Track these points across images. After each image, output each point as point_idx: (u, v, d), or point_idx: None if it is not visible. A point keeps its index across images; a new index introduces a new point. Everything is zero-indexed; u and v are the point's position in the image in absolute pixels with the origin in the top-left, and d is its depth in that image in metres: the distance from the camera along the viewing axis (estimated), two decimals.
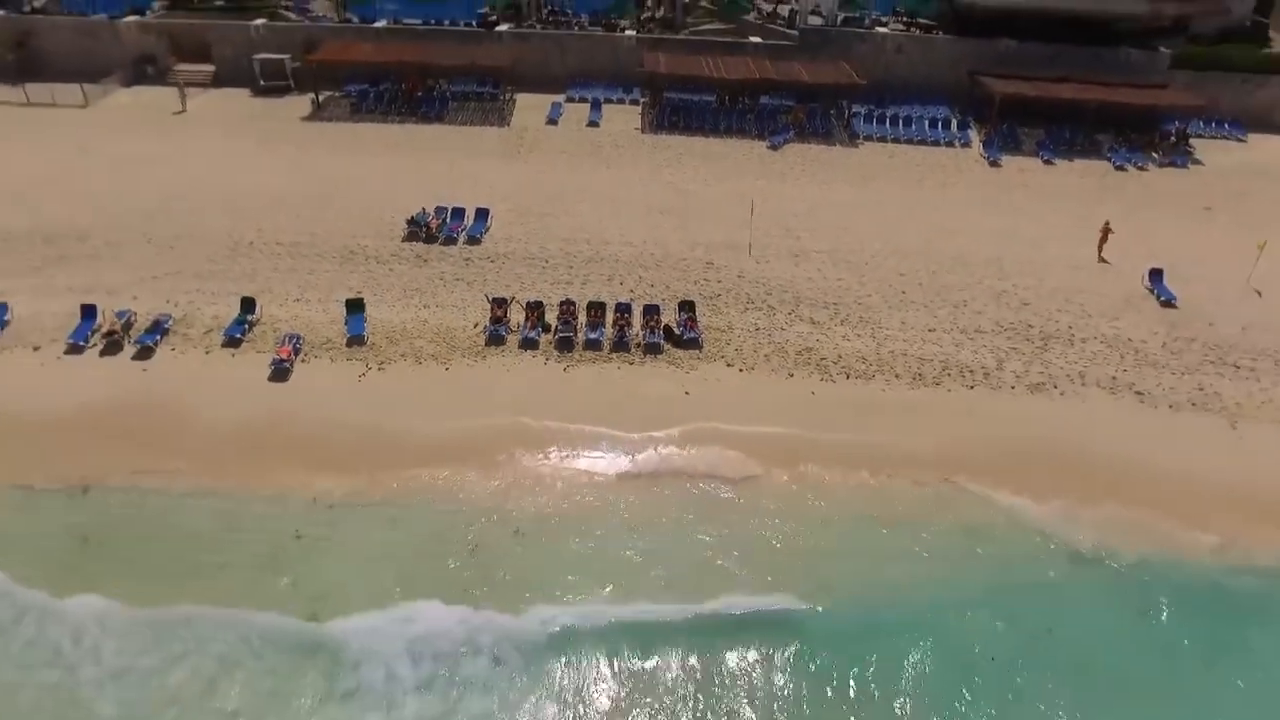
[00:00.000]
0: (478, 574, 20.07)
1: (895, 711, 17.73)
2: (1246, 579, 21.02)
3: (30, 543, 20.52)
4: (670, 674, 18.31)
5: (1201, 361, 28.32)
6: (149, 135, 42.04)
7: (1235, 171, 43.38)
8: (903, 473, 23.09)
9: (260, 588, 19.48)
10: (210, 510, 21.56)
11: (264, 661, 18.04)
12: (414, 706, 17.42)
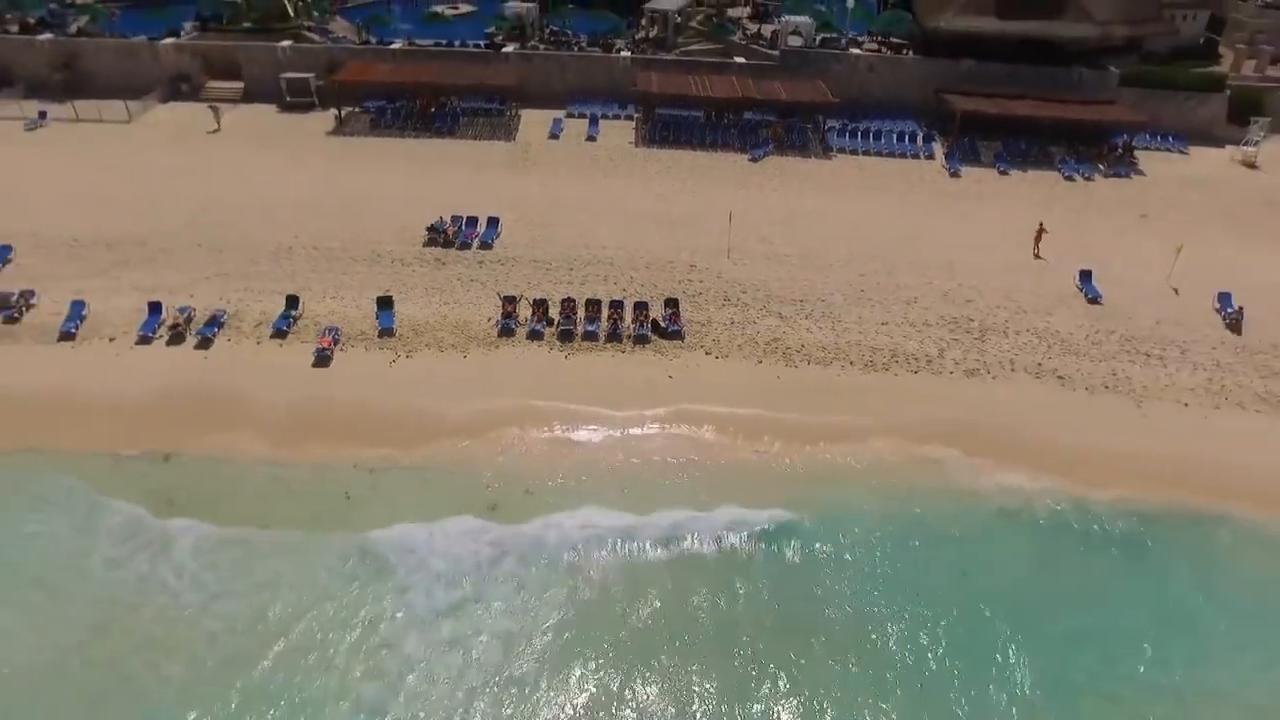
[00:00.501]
0: (495, 520, 24.53)
1: (842, 601, 22.13)
2: (1134, 524, 25.38)
3: (126, 495, 24.82)
4: (621, 564, 22.99)
5: (1118, 351, 32.71)
6: (188, 149, 46.32)
7: (1174, 182, 47.72)
8: (852, 442, 27.45)
9: (319, 527, 23.87)
10: (270, 476, 25.86)
11: (321, 559, 22.59)
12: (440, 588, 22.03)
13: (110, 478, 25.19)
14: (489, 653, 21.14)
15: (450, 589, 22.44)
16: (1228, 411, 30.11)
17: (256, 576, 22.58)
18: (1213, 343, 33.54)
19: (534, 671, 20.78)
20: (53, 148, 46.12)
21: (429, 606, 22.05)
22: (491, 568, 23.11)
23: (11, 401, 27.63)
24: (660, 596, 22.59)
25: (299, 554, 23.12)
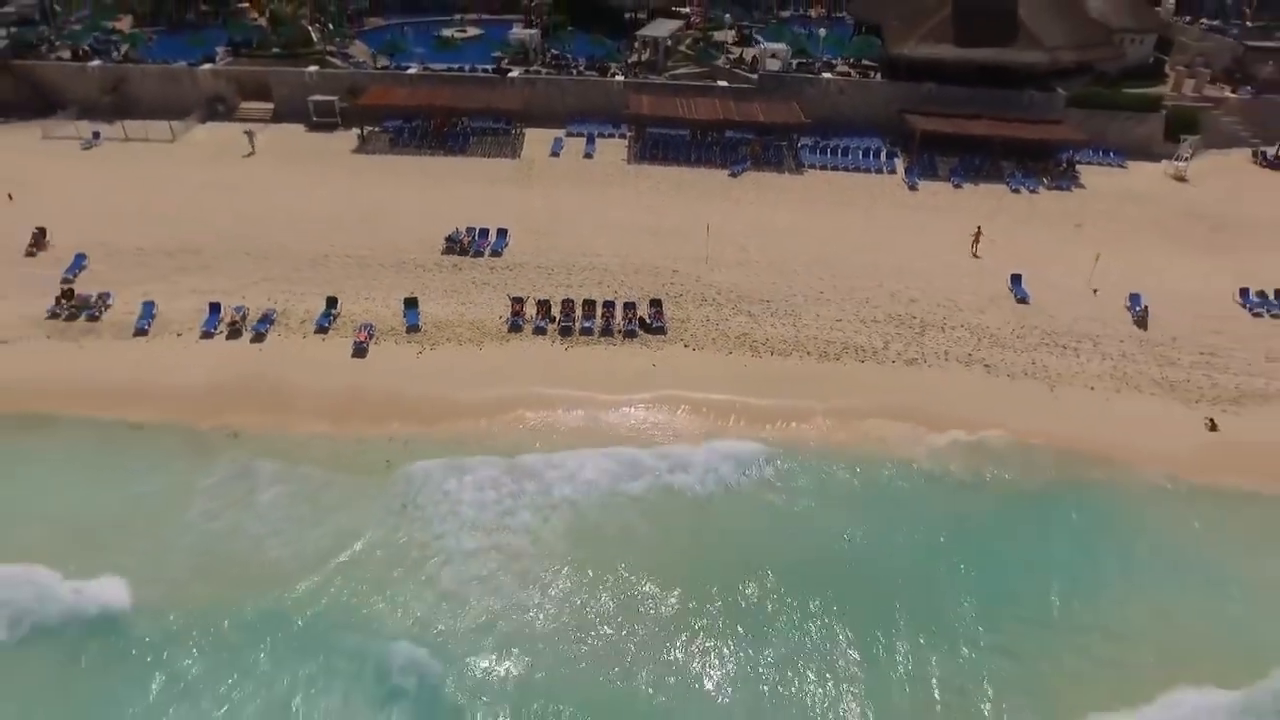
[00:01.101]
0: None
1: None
2: (1035, 485, 30.86)
3: (202, 471, 30.21)
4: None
5: (1038, 344, 38.25)
6: (227, 166, 51.78)
7: (1110, 194, 53.24)
8: (805, 418, 32.95)
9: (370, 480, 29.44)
10: (322, 448, 31.32)
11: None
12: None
13: (193, 448, 30.66)
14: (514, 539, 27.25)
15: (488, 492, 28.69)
16: (1127, 394, 35.65)
17: (327, 517, 28.04)
18: (1121, 336, 39.10)
19: (540, 556, 26.58)
20: (108, 165, 51.62)
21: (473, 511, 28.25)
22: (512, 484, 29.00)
23: (104, 386, 33.14)
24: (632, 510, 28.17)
25: (358, 497, 28.70)
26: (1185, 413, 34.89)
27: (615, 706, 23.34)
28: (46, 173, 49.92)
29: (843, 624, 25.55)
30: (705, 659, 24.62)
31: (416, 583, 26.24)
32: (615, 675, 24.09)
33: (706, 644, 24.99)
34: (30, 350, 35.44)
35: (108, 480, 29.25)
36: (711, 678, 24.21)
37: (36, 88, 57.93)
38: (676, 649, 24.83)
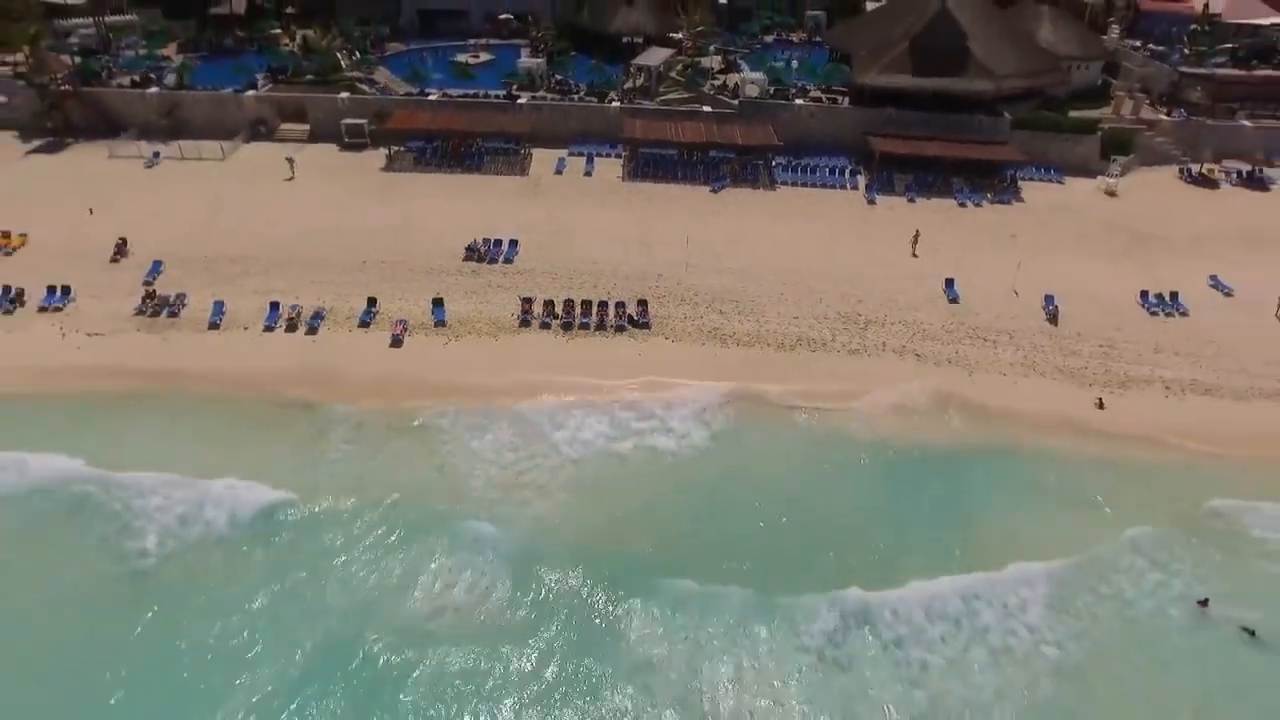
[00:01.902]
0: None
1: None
2: (942, 450, 38.27)
3: (289, 430, 37.72)
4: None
5: (963, 337, 45.68)
6: (272, 183, 59.11)
7: (1046, 207, 60.62)
8: (761, 395, 40.40)
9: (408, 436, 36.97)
10: (376, 415, 38.74)
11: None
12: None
13: (277, 414, 38.24)
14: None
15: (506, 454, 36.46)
16: (1033, 379, 43.13)
17: (397, 460, 35.72)
18: (1034, 331, 46.55)
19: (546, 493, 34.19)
20: (169, 182, 59.16)
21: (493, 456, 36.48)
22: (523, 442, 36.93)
23: (191, 370, 40.69)
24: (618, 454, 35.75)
25: (404, 449, 36.38)
26: (1080, 393, 42.33)
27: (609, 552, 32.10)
28: (117, 189, 57.46)
29: (773, 527, 33.60)
30: (664, 543, 32.51)
31: (467, 499, 34.28)
32: (607, 536, 32.94)
33: (667, 536, 33.53)
34: (125, 341, 43.05)
35: (221, 437, 36.87)
36: (673, 551, 32.65)
37: (101, 112, 65.49)
38: (644, 543, 33.06)
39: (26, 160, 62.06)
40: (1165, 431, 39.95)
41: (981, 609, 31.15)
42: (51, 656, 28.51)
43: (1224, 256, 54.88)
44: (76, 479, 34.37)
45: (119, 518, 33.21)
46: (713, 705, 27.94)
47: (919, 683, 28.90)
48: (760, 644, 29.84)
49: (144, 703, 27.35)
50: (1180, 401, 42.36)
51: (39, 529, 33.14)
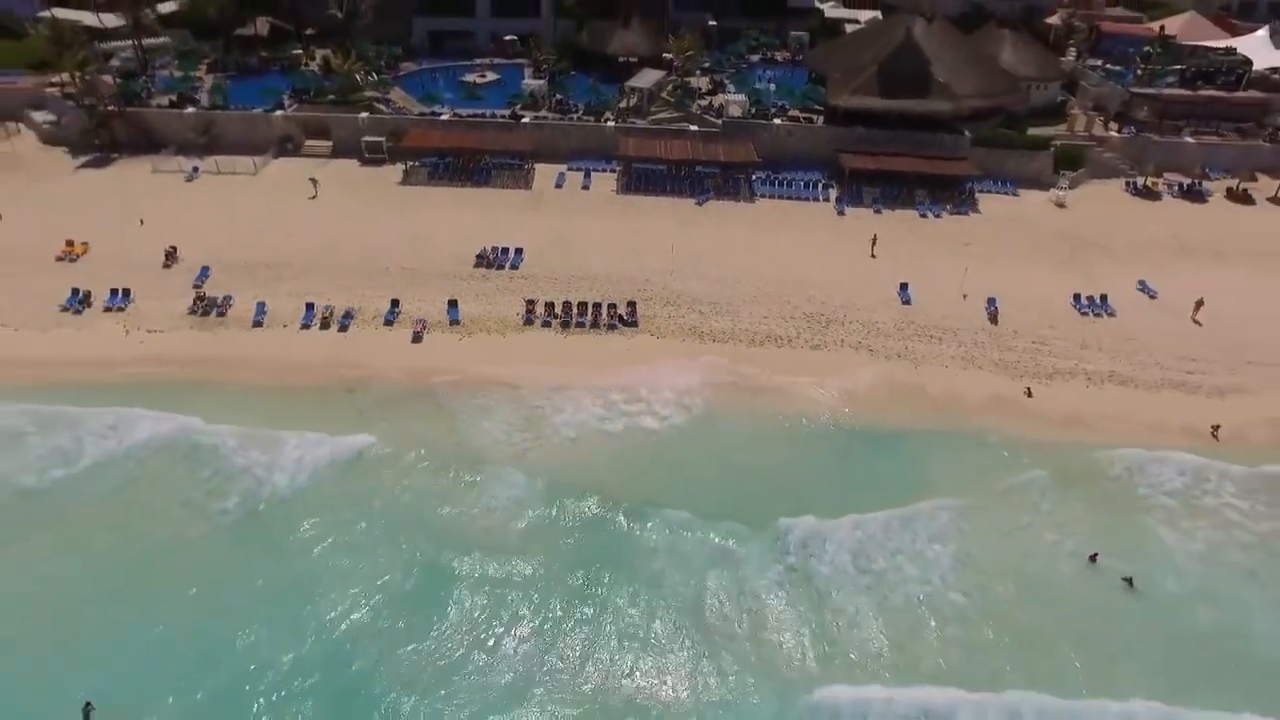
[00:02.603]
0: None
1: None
2: (886, 429, 44.71)
3: (335, 406, 44.20)
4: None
5: (913, 335, 52.10)
6: (300, 195, 65.36)
7: (999, 217, 67.05)
8: (731, 384, 46.84)
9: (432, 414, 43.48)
10: (405, 397, 45.14)
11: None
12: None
13: (325, 397, 44.76)
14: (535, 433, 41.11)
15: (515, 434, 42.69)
16: (971, 371, 49.51)
17: (428, 430, 42.25)
18: (976, 330, 52.97)
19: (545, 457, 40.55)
20: (208, 194, 65.67)
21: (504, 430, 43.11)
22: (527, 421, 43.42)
23: (242, 360, 47.17)
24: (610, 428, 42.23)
25: (430, 423, 42.89)
26: (1012, 384, 48.75)
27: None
28: (162, 200, 63.94)
29: (746, 480, 40.68)
30: (660, 487, 39.26)
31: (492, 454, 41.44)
32: (614, 482, 40.45)
33: (662, 483, 40.59)
34: (182, 337, 49.55)
35: (281, 411, 43.65)
36: (668, 492, 39.99)
37: (143, 129, 72.04)
38: (644, 486, 40.17)
39: (78, 174, 68.59)
40: (1082, 415, 46.37)
41: (902, 531, 38.70)
42: (199, 558, 36.54)
43: (1155, 263, 61.35)
44: (195, 430, 42.11)
45: (232, 460, 40.85)
46: (705, 595, 35.88)
47: (854, 582, 36.70)
48: (741, 554, 37.64)
49: (271, 597, 35.04)
50: (1099, 391, 48.79)
51: (169, 469, 40.60)
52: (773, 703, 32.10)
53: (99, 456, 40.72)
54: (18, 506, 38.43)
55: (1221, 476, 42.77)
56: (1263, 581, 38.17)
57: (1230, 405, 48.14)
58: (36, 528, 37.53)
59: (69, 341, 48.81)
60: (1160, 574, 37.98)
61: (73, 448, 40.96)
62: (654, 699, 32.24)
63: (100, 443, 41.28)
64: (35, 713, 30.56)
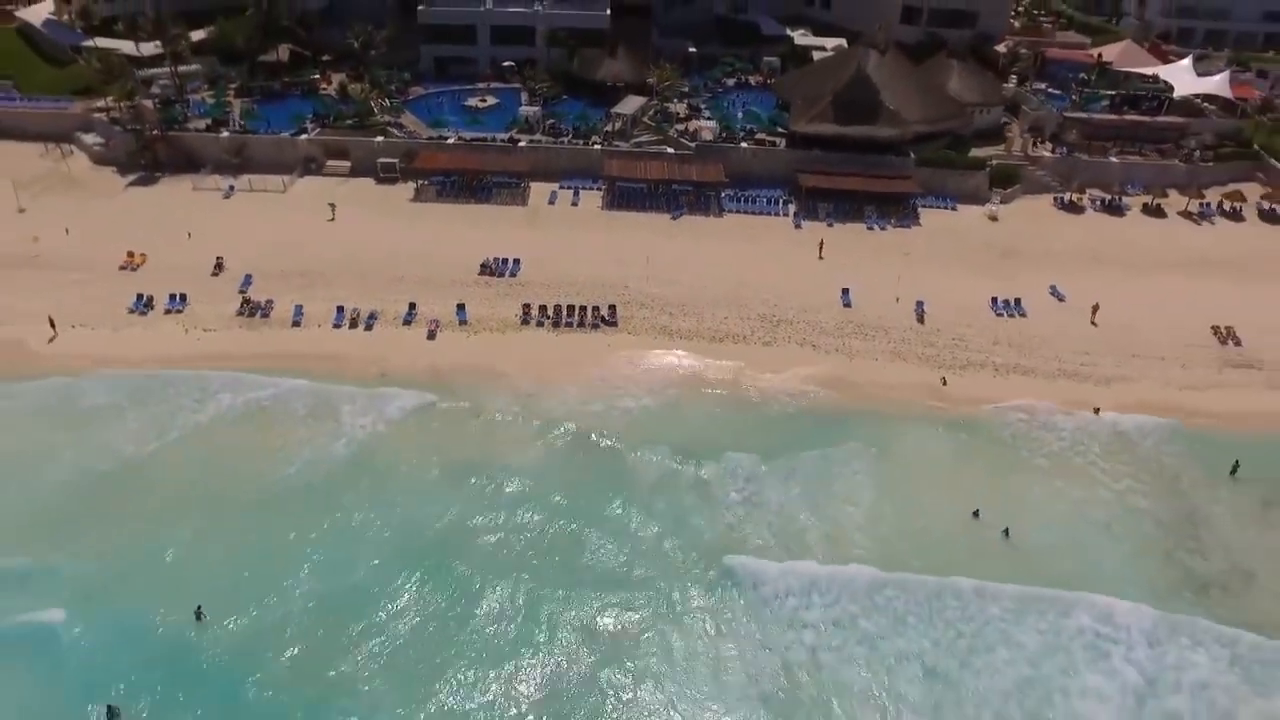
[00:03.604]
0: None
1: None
2: (812, 411, 54.24)
3: (376, 389, 53.66)
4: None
5: (850, 333, 61.60)
6: (324, 211, 74.69)
7: (937, 229, 76.56)
8: (693, 372, 56.38)
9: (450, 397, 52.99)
10: (428, 381, 54.59)
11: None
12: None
13: (366, 379, 54.19)
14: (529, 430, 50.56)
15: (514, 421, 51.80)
16: (898, 363, 59.04)
17: (453, 403, 51.68)
18: (905, 328, 62.50)
19: (543, 429, 50.01)
20: (243, 210, 75.00)
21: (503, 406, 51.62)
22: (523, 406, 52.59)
23: (287, 353, 56.55)
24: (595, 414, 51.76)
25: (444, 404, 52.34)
26: (931, 373, 58.29)
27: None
28: (204, 216, 73.26)
29: (706, 436, 50.09)
30: (641, 440, 48.85)
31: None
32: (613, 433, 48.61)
33: (642, 440, 50.10)
34: (233, 335, 58.95)
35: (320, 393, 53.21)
36: (648, 442, 49.62)
37: (182, 151, 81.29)
38: (631, 439, 49.75)
39: (127, 192, 77.90)
40: (986, 398, 55.96)
41: (820, 463, 49.85)
42: (328, 478, 48.28)
43: (1069, 270, 70.86)
44: (304, 390, 53.85)
45: (342, 406, 52.86)
46: (682, 501, 47.56)
47: (783, 490, 48.72)
48: (701, 478, 49.33)
49: (372, 512, 46.46)
50: (1004, 379, 58.42)
51: (296, 415, 52.50)
52: (704, 562, 44.49)
53: (235, 404, 52.99)
54: (182, 437, 50.54)
55: (1092, 439, 52.65)
56: (1115, 535, 47.68)
57: (1113, 390, 57.86)
58: (190, 457, 49.45)
59: (140, 339, 58.24)
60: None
61: (207, 402, 52.89)
62: (628, 549, 45.30)
63: (232, 397, 53.17)
64: (152, 615, 40.21)
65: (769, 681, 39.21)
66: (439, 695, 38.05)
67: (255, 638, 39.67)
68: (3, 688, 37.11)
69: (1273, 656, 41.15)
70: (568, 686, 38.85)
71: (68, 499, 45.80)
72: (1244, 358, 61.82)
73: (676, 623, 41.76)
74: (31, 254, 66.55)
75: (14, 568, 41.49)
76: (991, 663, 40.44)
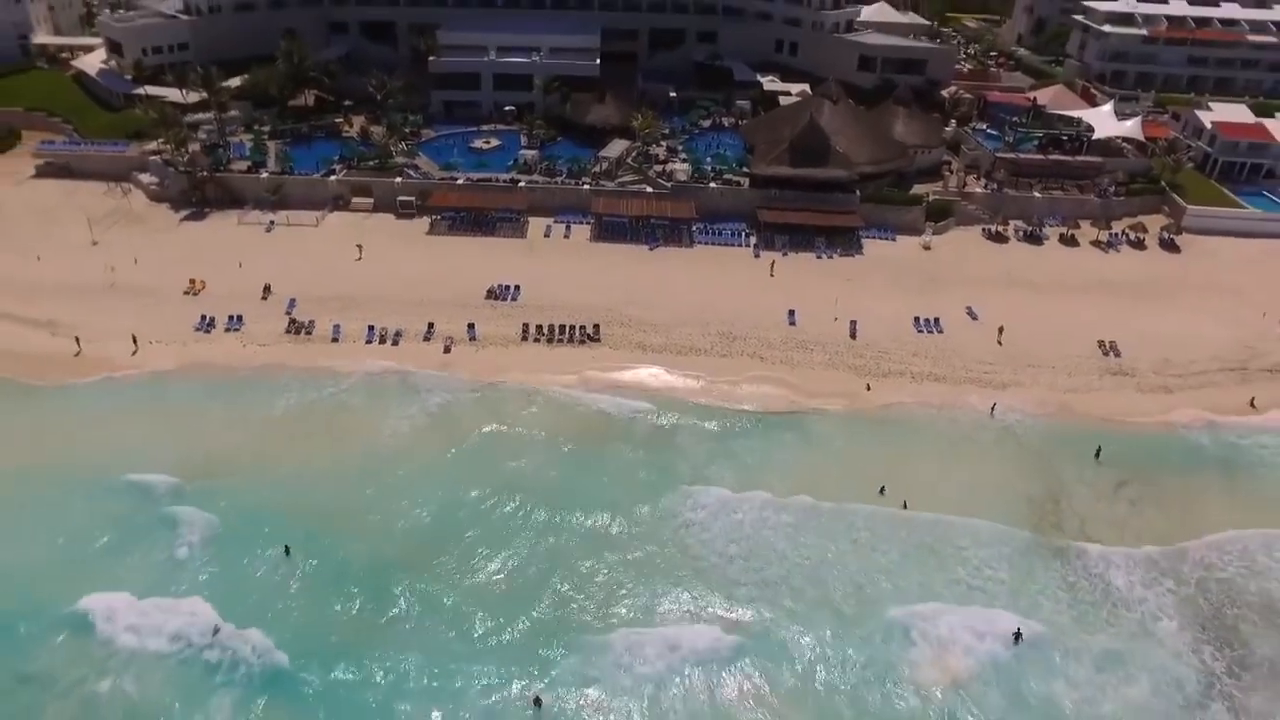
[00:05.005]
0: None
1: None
2: (758, 416, 66.98)
3: (409, 391, 66.42)
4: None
5: (793, 347, 74.34)
6: (352, 244, 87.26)
7: (877, 258, 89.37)
8: (660, 381, 69.13)
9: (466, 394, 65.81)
10: (446, 387, 67.32)
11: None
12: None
13: (396, 384, 66.99)
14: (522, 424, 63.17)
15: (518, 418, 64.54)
16: (831, 372, 71.77)
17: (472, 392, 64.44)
18: (839, 343, 75.25)
19: (536, 428, 62.70)
20: (283, 242, 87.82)
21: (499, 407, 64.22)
22: (522, 405, 65.29)
23: (329, 366, 69.29)
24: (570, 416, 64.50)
25: (459, 407, 65.10)
26: (857, 380, 70.99)
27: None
28: (250, 247, 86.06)
29: (668, 434, 62.19)
30: (595, 458, 61.18)
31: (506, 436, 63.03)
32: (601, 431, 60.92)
33: (596, 456, 61.74)
34: (284, 349, 71.65)
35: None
36: (620, 438, 61.16)
37: (227, 190, 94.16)
38: (581, 456, 61.45)
39: (182, 226, 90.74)
40: (901, 400, 68.67)
41: (763, 443, 62.42)
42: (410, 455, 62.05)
43: (986, 292, 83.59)
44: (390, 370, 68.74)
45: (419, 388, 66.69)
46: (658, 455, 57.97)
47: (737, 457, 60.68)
48: (675, 441, 62.72)
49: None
50: (918, 385, 71.10)
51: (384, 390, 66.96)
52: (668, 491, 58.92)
53: (358, 381, 68.48)
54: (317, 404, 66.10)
55: (984, 430, 65.42)
56: (992, 504, 60.26)
57: (1008, 393, 70.49)
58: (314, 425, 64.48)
59: (207, 352, 70.96)
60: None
61: (325, 384, 68.08)
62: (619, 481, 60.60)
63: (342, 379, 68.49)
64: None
65: (737, 561, 55.26)
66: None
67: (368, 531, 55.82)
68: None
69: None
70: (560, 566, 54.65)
71: (190, 455, 60.69)
72: (1121, 366, 74.52)
73: (656, 525, 57.15)
74: (109, 282, 79.28)
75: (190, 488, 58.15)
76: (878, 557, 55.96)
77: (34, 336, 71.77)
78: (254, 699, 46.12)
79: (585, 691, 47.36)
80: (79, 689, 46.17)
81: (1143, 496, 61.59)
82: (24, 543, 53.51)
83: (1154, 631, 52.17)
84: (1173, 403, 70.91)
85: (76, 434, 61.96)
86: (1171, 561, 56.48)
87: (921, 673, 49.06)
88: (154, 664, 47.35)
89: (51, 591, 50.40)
